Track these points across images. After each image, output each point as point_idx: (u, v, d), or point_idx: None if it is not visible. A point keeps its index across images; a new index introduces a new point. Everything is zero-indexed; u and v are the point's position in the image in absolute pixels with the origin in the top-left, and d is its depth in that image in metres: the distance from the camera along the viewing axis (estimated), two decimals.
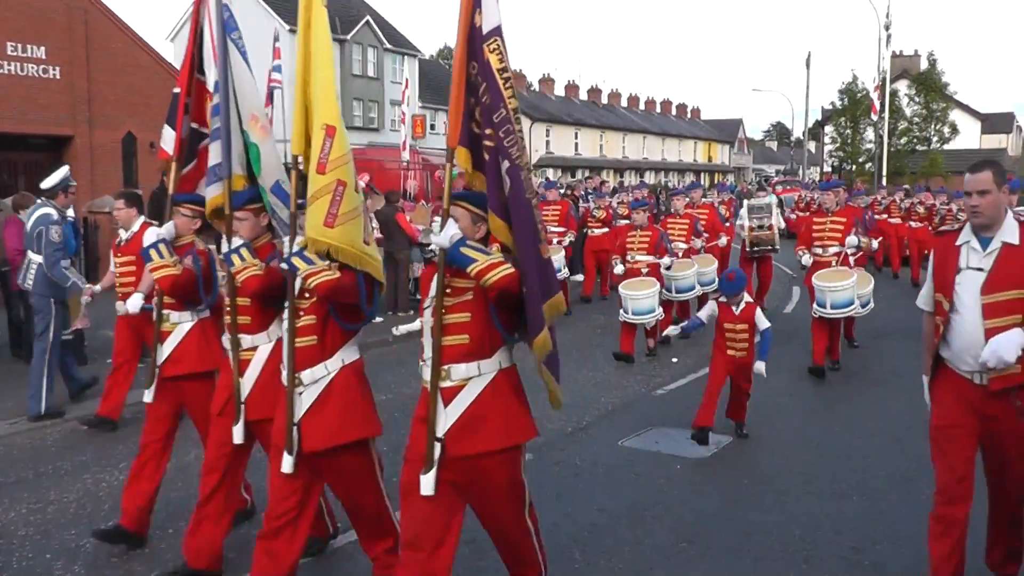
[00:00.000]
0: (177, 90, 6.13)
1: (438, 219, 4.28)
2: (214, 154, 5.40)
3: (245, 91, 5.39)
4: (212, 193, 5.44)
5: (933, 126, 55.54)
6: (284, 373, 4.66)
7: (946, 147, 55.74)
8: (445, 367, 4.17)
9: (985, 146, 67.29)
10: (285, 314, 4.66)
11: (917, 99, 55.24)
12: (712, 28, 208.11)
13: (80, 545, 5.99)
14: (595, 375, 11.31)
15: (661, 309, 12.26)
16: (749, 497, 6.89)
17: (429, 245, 12.13)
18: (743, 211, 15.69)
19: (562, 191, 20.67)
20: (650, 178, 71.63)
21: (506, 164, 4.09)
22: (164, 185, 12.07)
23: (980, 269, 4.60)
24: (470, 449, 4.15)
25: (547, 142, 64.13)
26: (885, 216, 20.96)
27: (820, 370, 10.98)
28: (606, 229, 17.26)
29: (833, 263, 11.30)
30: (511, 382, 4.30)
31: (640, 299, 11.67)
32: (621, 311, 11.84)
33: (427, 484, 4.15)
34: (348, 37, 48.47)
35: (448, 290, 4.18)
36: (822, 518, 6.41)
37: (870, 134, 52.87)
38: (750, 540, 6.03)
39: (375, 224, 14.34)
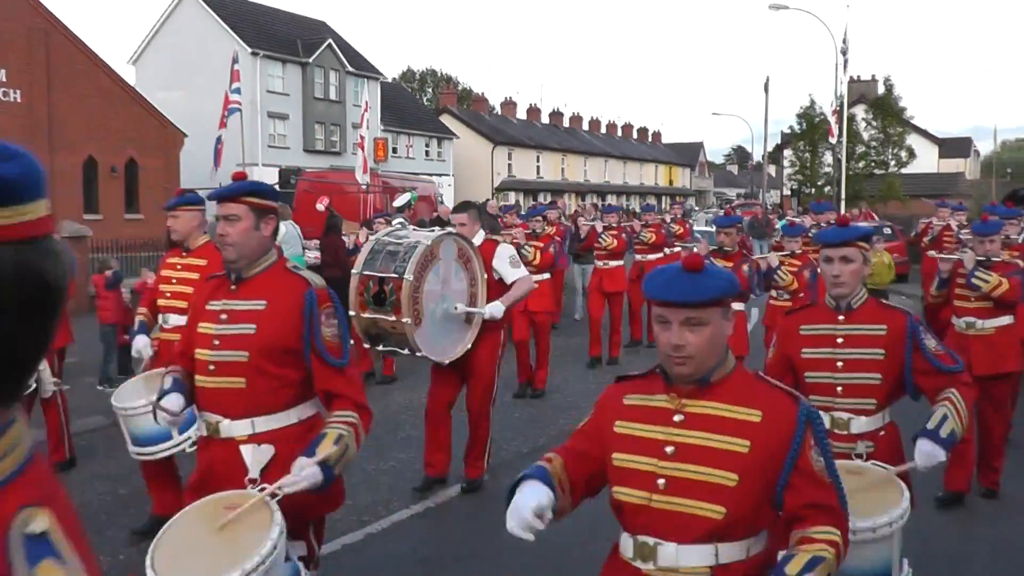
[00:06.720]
0: None
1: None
2: None
3: None
4: None
5: (890, 150, 56.36)
6: None
7: (904, 171, 56.60)
8: None
9: (943, 170, 68.32)
10: None
11: (874, 123, 56.09)
12: (672, 53, 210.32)
13: None
14: (551, 397, 11.37)
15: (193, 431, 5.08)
16: None
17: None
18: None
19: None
20: (611, 201, 72.02)
21: None
22: None
23: None
24: None
25: (509, 165, 64.49)
26: (933, 251, 11.47)
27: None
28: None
29: None
30: None
31: (138, 413, 5.71)
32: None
33: None
34: (310, 60, 48.52)
35: None
36: None
37: (828, 158, 53.53)
38: None
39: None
